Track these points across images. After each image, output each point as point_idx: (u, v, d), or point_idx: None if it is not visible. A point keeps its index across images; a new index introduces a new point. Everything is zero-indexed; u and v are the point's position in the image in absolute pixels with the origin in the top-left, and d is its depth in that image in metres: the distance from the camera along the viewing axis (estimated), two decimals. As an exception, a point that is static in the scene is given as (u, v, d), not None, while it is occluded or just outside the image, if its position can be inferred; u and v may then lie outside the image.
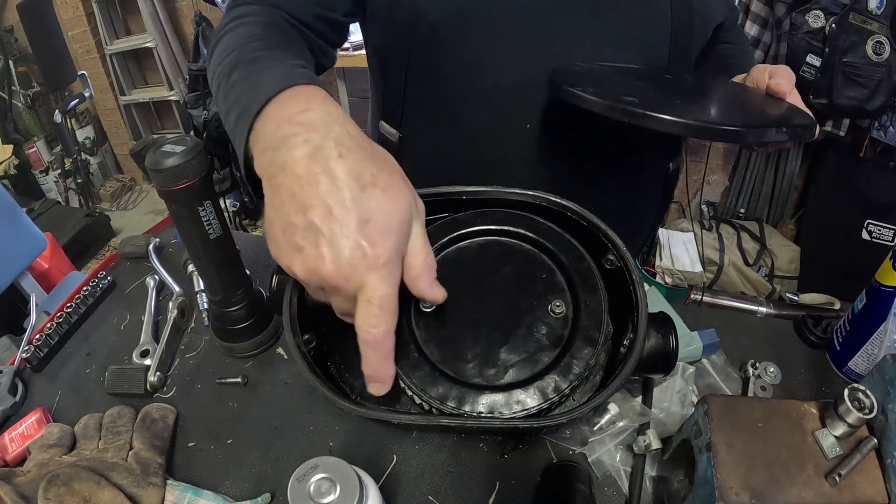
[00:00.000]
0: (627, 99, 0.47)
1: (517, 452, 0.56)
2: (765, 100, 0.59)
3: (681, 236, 2.00)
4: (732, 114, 0.51)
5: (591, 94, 0.48)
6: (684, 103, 0.51)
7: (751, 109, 0.55)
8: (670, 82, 0.60)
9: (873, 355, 0.58)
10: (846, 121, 1.89)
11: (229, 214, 2.51)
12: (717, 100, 0.56)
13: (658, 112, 0.45)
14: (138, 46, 2.75)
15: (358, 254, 0.34)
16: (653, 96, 0.51)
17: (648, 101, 0.47)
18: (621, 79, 0.57)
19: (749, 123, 0.46)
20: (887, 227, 1.92)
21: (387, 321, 0.37)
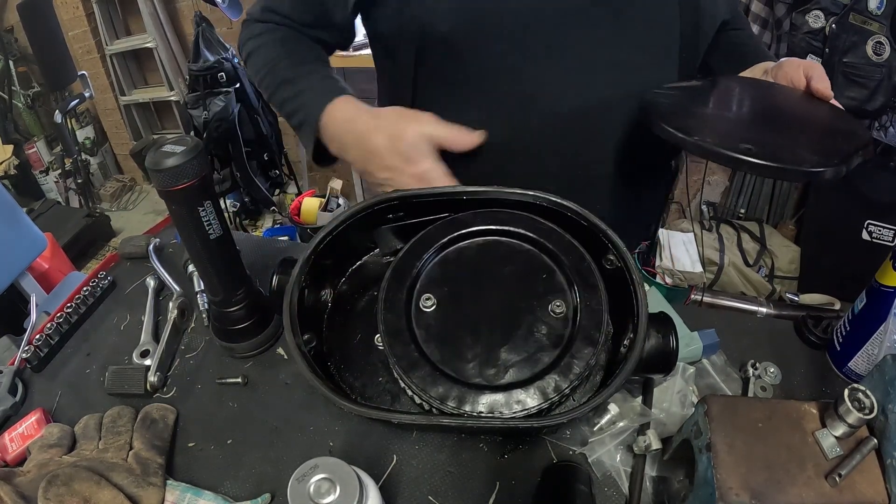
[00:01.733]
0: (745, 147, 0.50)
1: (517, 452, 0.56)
2: (814, 105, 0.63)
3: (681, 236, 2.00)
4: (824, 145, 0.55)
5: (717, 146, 0.51)
6: (787, 141, 0.55)
7: (828, 133, 0.59)
8: (744, 103, 0.64)
9: (873, 355, 0.58)
10: (846, 121, 1.89)
11: (229, 214, 2.51)
12: (796, 126, 0.59)
13: (780, 163, 0.49)
14: (138, 47, 2.75)
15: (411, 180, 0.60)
16: (759, 136, 0.54)
17: (763, 146, 0.51)
18: (713, 111, 0.61)
19: (843, 158, 0.51)
20: (887, 228, 1.92)
21: None
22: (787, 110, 0.62)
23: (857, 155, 0.52)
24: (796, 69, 0.65)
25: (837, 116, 0.61)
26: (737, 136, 0.53)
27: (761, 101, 0.65)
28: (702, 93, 0.66)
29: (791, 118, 0.61)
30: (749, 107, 0.63)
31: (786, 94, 0.65)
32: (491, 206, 0.59)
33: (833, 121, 0.61)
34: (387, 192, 0.59)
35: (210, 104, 2.21)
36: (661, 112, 0.58)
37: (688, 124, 0.55)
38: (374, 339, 0.57)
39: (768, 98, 0.65)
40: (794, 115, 0.61)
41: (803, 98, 0.64)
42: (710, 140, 0.52)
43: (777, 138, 0.55)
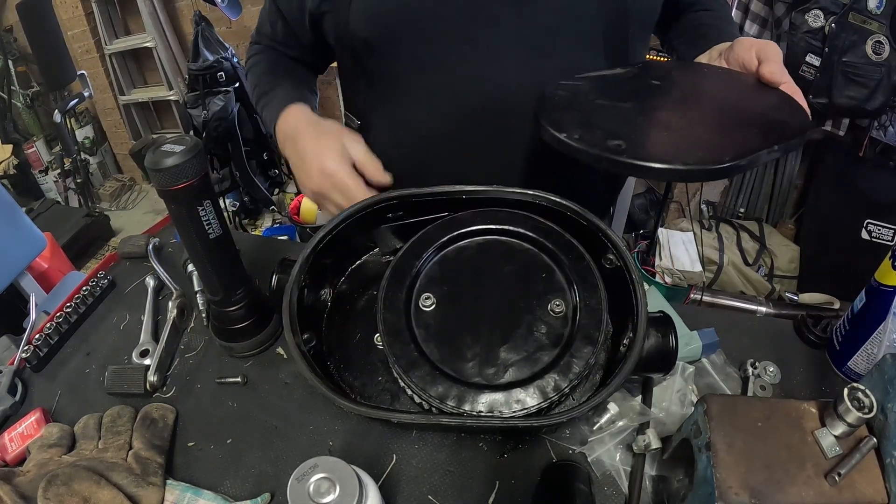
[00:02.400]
0: (613, 144, 0.45)
1: (517, 452, 0.56)
2: (756, 93, 0.56)
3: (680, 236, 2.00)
4: (721, 138, 0.48)
5: (578, 143, 0.47)
6: (672, 135, 0.49)
7: (742, 122, 0.51)
8: (657, 93, 0.58)
9: (873, 355, 0.58)
10: (846, 120, 1.89)
11: (229, 214, 2.51)
12: (706, 116, 0.53)
13: (645, 160, 0.44)
14: (138, 46, 2.74)
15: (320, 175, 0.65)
16: (640, 131, 0.49)
17: (636, 142, 0.46)
18: (608, 103, 0.55)
19: (740, 152, 0.44)
20: (887, 227, 1.92)
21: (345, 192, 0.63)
22: (711, 99, 0.55)
23: (771, 149, 0.45)
24: (748, 50, 0.58)
25: (779, 104, 0.53)
26: (613, 132, 0.47)
27: (683, 89, 0.59)
28: (614, 82, 0.61)
29: (709, 108, 0.54)
30: (662, 97, 0.57)
31: (725, 79, 0.58)
32: (490, 205, 0.59)
33: (768, 109, 0.53)
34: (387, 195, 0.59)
35: (209, 104, 2.21)
36: (546, 106, 0.54)
37: (566, 119, 0.50)
38: (373, 339, 0.57)
39: (695, 86, 0.59)
40: (716, 105, 0.54)
41: (749, 84, 0.57)
42: (578, 136, 0.47)
43: (666, 132, 0.49)
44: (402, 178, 0.67)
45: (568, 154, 0.48)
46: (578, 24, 0.65)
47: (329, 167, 0.63)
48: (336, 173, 0.63)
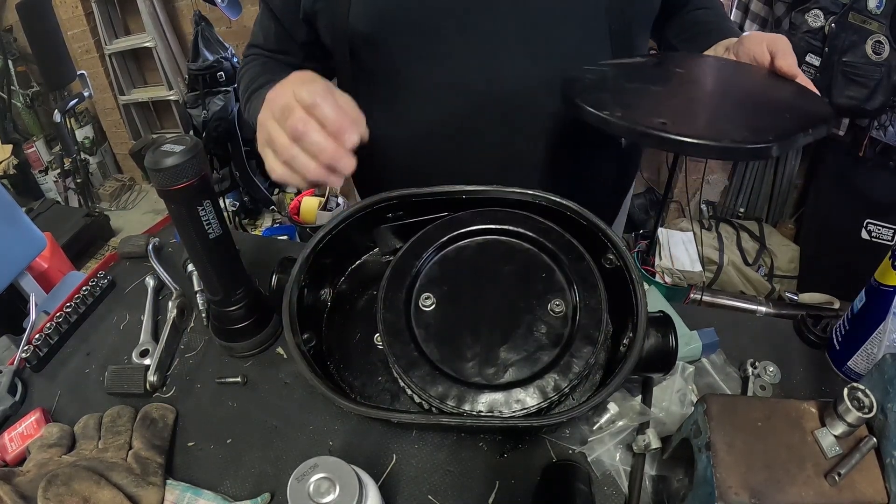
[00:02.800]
0: (658, 122, 0.45)
1: (517, 452, 0.56)
2: (774, 84, 0.56)
3: (680, 236, 2.00)
4: (759, 121, 0.48)
5: (621, 119, 0.46)
6: (712, 116, 0.49)
7: (772, 108, 0.52)
8: (684, 79, 0.58)
9: (873, 354, 0.58)
10: (846, 120, 1.89)
11: (229, 214, 2.51)
12: (738, 101, 0.53)
13: (694, 137, 0.43)
14: (137, 46, 2.74)
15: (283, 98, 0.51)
16: (679, 111, 0.49)
17: (679, 121, 0.45)
18: (639, 86, 0.55)
19: (780, 134, 0.44)
20: (887, 227, 1.92)
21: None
22: (736, 88, 0.56)
23: (803, 134, 0.45)
24: (758, 44, 0.59)
25: (799, 94, 0.54)
26: (655, 111, 0.47)
27: (707, 78, 0.59)
28: (638, 69, 0.61)
29: (737, 96, 0.55)
30: (690, 84, 0.58)
31: (742, 72, 0.59)
32: (490, 205, 0.59)
33: (791, 98, 0.54)
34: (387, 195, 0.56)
35: (209, 103, 2.21)
36: (578, 88, 0.54)
37: (603, 98, 0.50)
38: (373, 339, 0.57)
39: (717, 76, 0.60)
40: (742, 94, 0.55)
41: (764, 76, 0.58)
42: (620, 114, 0.47)
43: (705, 114, 0.50)
44: (405, 176, 0.66)
45: (610, 132, 0.47)
46: (582, 11, 0.64)
47: (300, 91, 0.50)
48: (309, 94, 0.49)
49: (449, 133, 0.70)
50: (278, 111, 0.51)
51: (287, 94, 0.50)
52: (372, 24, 0.65)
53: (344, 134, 0.49)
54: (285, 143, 0.50)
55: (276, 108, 0.51)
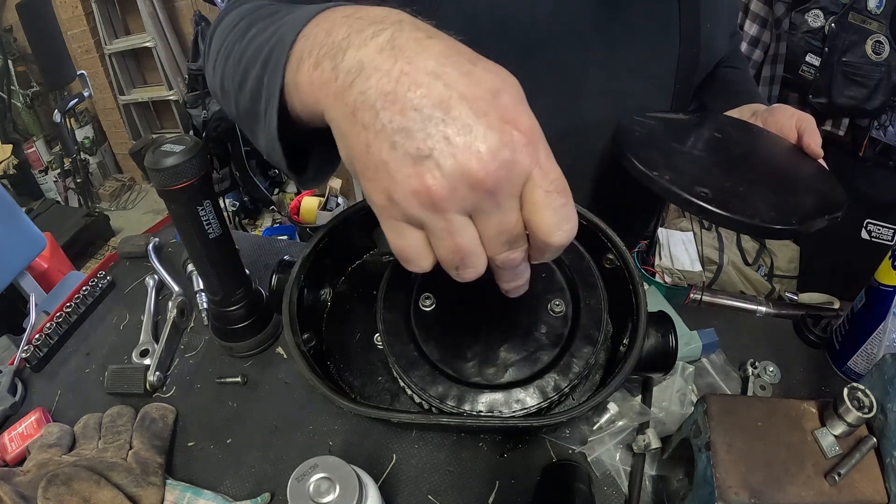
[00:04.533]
0: (702, 192, 0.49)
1: (517, 452, 0.56)
2: (799, 161, 0.61)
3: (680, 236, 2.00)
4: (786, 202, 0.54)
5: (669, 183, 0.50)
6: (746, 190, 0.53)
7: (798, 189, 0.57)
8: (722, 145, 0.62)
9: (873, 354, 0.58)
10: (846, 120, 1.89)
11: (229, 214, 2.51)
12: (769, 177, 0.58)
13: (731, 213, 0.48)
14: (137, 46, 2.74)
15: (507, 131, 0.27)
16: (720, 182, 0.53)
17: (720, 194, 0.50)
18: (684, 148, 0.60)
19: (802, 218, 0.51)
20: (887, 227, 1.91)
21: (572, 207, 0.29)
22: (766, 161, 0.60)
23: (822, 219, 0.51)
24: (789, 118, 0.63)
25: (820, 176, 0.59)
26: (699, 179, 0.52)
27: (741, 146, 0.63)
28: (682, 128, 0.65)
29: (767, 170, 0.59)
30: (726, 151, 0.62)
31: (771, 143, 0.63)
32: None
33: (812, 180, 0.59)
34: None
35: (209, 103, 2.21)
36: (630, 141, 0.57)
37: (653, 158, 0.54)
38: (373, 339, 0.57)
39: (750, 145, 0.64)
40: (771, 167, 0.59)
41: (789, 150, 0.62)
42: (669, 178, 0.51)
43: (741, 187, 0.54)
44: None
45: (654, 191, 0.51)
46: (658, 68, 0.67)
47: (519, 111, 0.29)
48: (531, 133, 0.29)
49: None
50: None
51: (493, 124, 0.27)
52: (459, 30, 0.60)
53: None
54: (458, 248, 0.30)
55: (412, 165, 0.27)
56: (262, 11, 0.43)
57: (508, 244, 0.30)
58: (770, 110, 0.65)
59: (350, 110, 0.28)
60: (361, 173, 0.29)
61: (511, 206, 0.28)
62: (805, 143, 0.61)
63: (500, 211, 0.28)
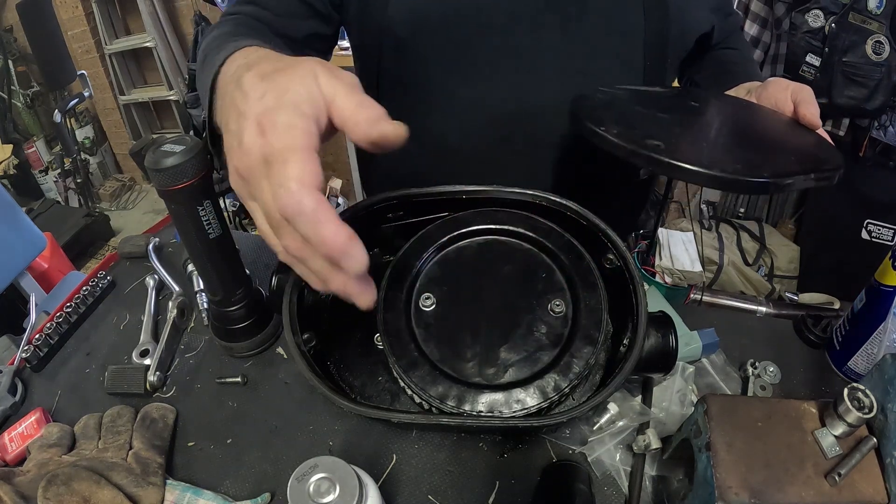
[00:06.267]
0: (652, 143, 0.44)
1: (517, 452, 0.56)
2: (790, 130, 0.56)
3: (680, 236, 2.00)
4: (759, 157, 0.48)
5: (615, 136, 0.46)
6: (711, 146, 0.48)
7: (778, 149, 0.51)
8: (696, 112, 0.58)
9: (873, 355, 0.58)
10: (846, 120, 1.89)
11: (229, 214, 2.50)
12: (744, 138, 0.53)
13: (683, 162, 0.43)
14: (138, 46, 2.74)
15: (253, 127, 0.33)
16: (679, 137, 0.48)
17: (674, 146, 0.45)
18: (647, 111, 0.55)
19: (778, 172, 0.44)
20: (887, 227, 1.91)
21: (310, 191, 0.31)
22: (749, 127, 0.55)
23: (806, 177, 0.44)
24: (783, 91, 0.58)
25: (815, 144, 0.53)
26: (653, 134, 0.46)
27: (721, 115, 0.59)
28: (653, 97, 0.61)
29: (747, 133, 0.53)
30: (699, 116, 0.57)
31: (760, 113, 0.58)
32: (490, 205, 0.59)
33: (804, 145, 0.52)
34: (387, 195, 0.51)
35: (201, 95, 2.21)
36: (584, 105, 0.54)
37: (605, 117, 0.50)
38: (373, 339, 0.57)
39: (733, 113, 0.59)
40: (753, 132, 0.54)
41: (784, 122, 0.57)
42: (616, 132, 0.46)
43: (703, 143, 0.48)
44: None
45: (604, 148, 0.47)
46: (621, 44, 0.64)
47: (280, 117, 0.33)
48: (286, 132, 0.32)
49: (471, 151, 0.69)
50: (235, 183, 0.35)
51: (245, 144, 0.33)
52: (409, 27, 0.61)
53: (345, 260, 0.34)
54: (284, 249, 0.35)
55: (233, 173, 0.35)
56: (212, 44, 0.53)
57: (280, 221, 0.33)
58: (763, 85, 0.61)
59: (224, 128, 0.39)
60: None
61: (260, 190, 0.33)
62: (801, 114, 0.56)
63: (259, 191, 0.33)
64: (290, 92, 0.34)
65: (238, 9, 0.64)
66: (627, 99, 0.59)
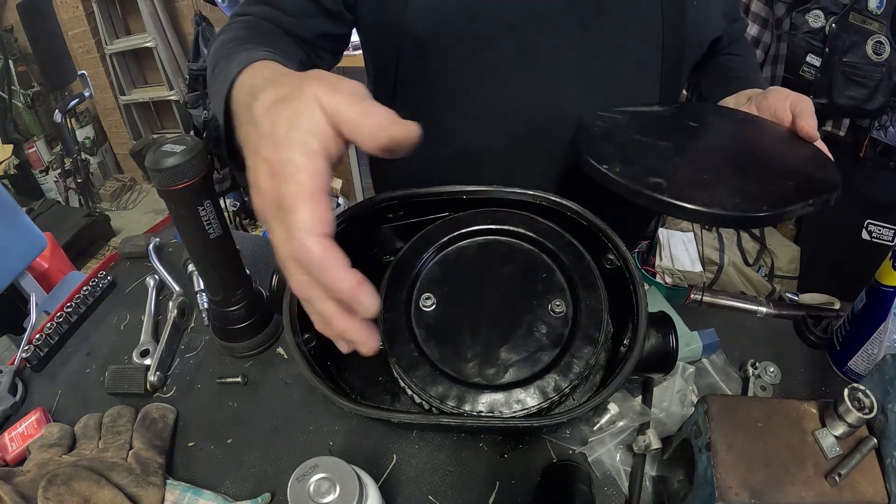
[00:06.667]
0: (654, 182, 0.46)
1: (517, 452, 0.56)
2: (789, 145, 0.56)
3: (681, 236, 2.00)
4: (758, 187, 0.47)
5: (618, 176, 0.47)
6: (711, 178, 0.49)
7: (777, 173, 0.52)
8: (694, 134, 0.58)
9: (873, 355, 0.58)
10: (846, 121, 1.89)
11: (229, 214, 2.51)
12: (743, 163, 0.53)
13: (686, 202, 0.44)
14: (138, 46, 2.75)
15: (264, 168, 0.34)
16: (680, 171, 0.49)
17: (676, 183, 0.46)
18: (646, 139, 0.56)
19: (777, 202, 0.45)
20: (887, 227, 1.91)
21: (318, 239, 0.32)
22: (746, 147, 0.56)
23: (804, 204, 0.45)
24: (782, 101, 0.59)
25: (813, 160, 0.54)
26: (654, 169, 0.47)
27: (718, 134, 0.59)
28: (651, 119, 0.61)
29: (744, 156, 0.54)
30: (697, 139, 0.57)
31: (759, 129, 0.59)
32: (490, 205, 0.59)
33: (802, 164, 0.53)
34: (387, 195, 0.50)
35: (210, 104, 2.21)
36: (585, 137, 0.55)
37: (606, 151, 0.51)
38: (373, 339, 0.57)
39: (730, 132, 0.59)
40: (751, 154, 0.54)
41: (781, 136, 0.57)
42: (619, 170, 0.48)
43: (704, 175, 0.49)
44: None
45: (606, 186, 0.48)
46: (640, 48, 0.64)
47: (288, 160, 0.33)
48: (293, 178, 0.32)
49: (488, 151, 0.68)
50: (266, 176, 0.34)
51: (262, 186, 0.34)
52: (429, 26, 0.61)
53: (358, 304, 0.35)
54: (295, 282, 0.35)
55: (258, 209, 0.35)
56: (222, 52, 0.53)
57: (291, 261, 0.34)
58: (764, 94, 0.62)
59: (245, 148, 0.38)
60: None
61: (275, 231, 0.34)
62: (798, 126, 0.57)
63: (273, 232, 0.34)
64: (295, 127, 0.33)
65: (248, 9, 0.64)
66: (627, 125, 0.59)
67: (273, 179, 0.33)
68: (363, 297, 0.34)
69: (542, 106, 0.64)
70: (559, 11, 0.60)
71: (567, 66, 0.63)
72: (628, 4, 0.61)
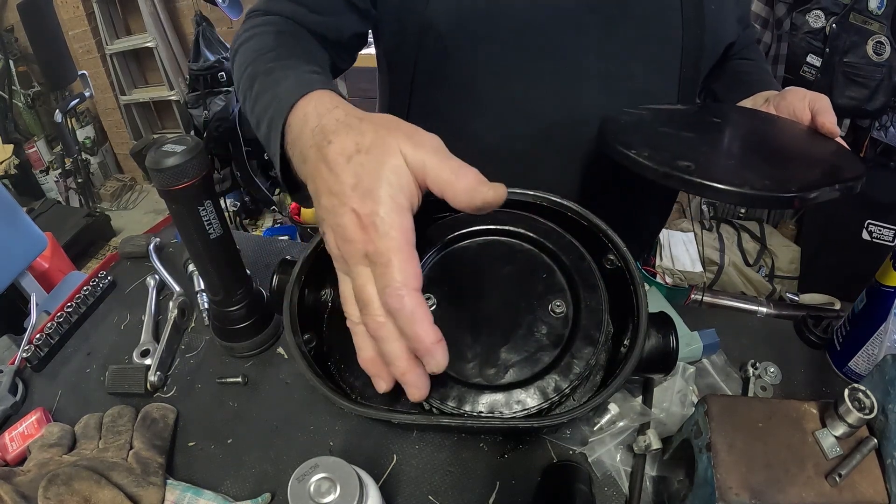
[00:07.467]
0: (683, 164, 0.46)
1: (517, 452, 0.56)
2: (810, 140, 0.57)
3: (681, 236, 2.00)
4: (785, 171, 0.49)
5: (647, 160, 0.47)
6: (738, 163, 0.49)
7: (802, 161, 0.52)
8: (718, 128, 0.59)
9: (873, 355, 0.58)
10: (846, 121, 1.89)
11: (229, 214, 2.51)
12: (768, 152, 0.53)
13: (715, 182, 0.44)
14: (138, 46, 2.75)
15: (352, 218, 0.35)
16: (707, 156, 0.50)
17: (705, 166, 0.46)
18: (672, 131, 0.56)
19: (803, 185, 0.45)
20: (887, 228, 1.91)
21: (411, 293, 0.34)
22: (769, 140, 0.56)
23: (831, 188, 0.45)
24: (800, 100, 0.59)
25: (836, 153, 0.54)
26: (682, 154, 0.48)
27: (742, 128, 0.59)
28: (676, 115, 0.62)
29: (768, 147, 0.54)
30: (722, 132, 0.58)
31: (781, 126, 0.59)
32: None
33: (825, 156, 0.54)
34: None
35: (210, 104, 2.21)
36: (611, 128, 0.55)
37: (633, 139, 0.51)
38: (374, 339, 0.57)
39: (753, 127, 0.60)
40: (774, 145, 0.55)
41: (802, 132, 0.58)
42: (647, 154, 0.48)
43: (731, 161, 0.50)
44: None
45: (635, 171, 0.49)
46: (660, 51, 0.65)
47: (379, 214, 0.35)
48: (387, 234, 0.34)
49: (510, 150, 0.68)
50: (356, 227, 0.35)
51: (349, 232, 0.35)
52: (452, 23, 0.60)
53: (431, 358, 0.38)
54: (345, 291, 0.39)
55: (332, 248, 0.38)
56: (259, 65, 0.52)
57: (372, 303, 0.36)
58: (781, 94, 0.62)
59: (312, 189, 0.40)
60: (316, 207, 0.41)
61: (357, 273, 0.36)
62: (819, 123, 0.57)
63: (351, 276, 0.37)
64: (383, 182, 0.35)
65: (271, 6, 0.61)
66: (652, 119, 0.60)
67: (363, 231, 0.35)
68: (439, 354, 0.37)
69: (563, 106, 0.64)
70: (583, 11, 0.61)
71: (589, 66, 0.63)
72: (650, 7, 0.62)
